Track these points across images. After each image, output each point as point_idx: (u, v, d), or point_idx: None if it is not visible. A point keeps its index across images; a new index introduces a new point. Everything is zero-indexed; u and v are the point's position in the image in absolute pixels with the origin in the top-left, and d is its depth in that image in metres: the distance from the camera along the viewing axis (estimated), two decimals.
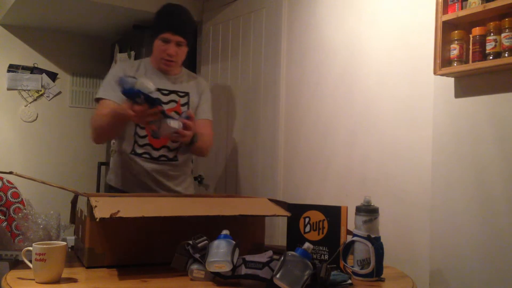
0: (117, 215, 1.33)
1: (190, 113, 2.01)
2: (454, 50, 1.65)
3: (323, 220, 1.59)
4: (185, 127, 1.95)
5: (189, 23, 2.24)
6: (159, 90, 2.18)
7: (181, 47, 2.18)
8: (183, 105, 2.23)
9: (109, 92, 2.13)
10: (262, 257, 1.31)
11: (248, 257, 1.32)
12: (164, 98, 2.18)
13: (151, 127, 1.95)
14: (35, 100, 3.89)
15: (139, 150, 2.19)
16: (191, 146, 2.13)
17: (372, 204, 1.50)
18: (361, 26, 2.14)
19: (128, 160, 2.22)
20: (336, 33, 2.27)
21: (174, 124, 1.89)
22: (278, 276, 1.21)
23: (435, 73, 1.69)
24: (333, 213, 1.58)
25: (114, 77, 2.11)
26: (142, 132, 2.17)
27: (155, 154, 2.19)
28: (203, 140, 2.18)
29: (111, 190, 2.29)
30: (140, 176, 2.21)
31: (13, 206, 3.16)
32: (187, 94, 2.26)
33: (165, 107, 2.03)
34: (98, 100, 2.17)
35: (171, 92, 2.23)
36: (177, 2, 2.28)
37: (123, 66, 2.27)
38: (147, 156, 2.19)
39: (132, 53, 3.41)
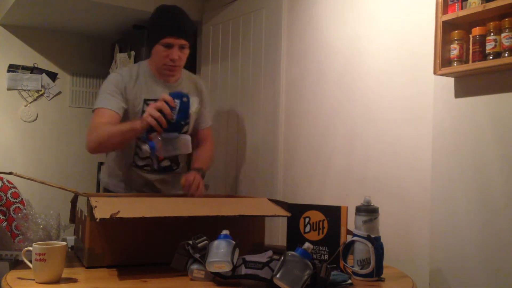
0: (117, 216, 1.33)
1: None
2: (454, 50, 1.65)
3: (323, 220, 1.59)
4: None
5: (189, 24, 2.13)
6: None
7: (184, 50, 2.07)
8: None
9: (105, 102, 2.00)
10: (262, 257, 1.31)
11: (248, 257, 1.32)
12: None
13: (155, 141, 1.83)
14: (35, 100, 3.88)
15: (141, 163, 2.14)
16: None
17: (372, 204, 1.50)
18: (361, 26, 2.14)
19: (127, 170, 2.15)
20: (336, 33, 2.26)
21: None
22: (278, 276, 1.21)
23: (435, 73, 1.69)
24: (333, 213, 1.58)
25: (112, 87, 2.03)
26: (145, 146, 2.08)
27: (157, 166, 2.16)
28: (204, 159, 2.20)
29: (106, 191, 2.24)
30: (139, 186, 2.18)
31: (13, 206, 3.16)
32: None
33: None
34: (95, 110, 2.03)
35: None
36: (179, 2, 2.26)
37: (122, 73, 2.10)
38: (148, 168, 2.16)
39: (132, 53, 3.41)
